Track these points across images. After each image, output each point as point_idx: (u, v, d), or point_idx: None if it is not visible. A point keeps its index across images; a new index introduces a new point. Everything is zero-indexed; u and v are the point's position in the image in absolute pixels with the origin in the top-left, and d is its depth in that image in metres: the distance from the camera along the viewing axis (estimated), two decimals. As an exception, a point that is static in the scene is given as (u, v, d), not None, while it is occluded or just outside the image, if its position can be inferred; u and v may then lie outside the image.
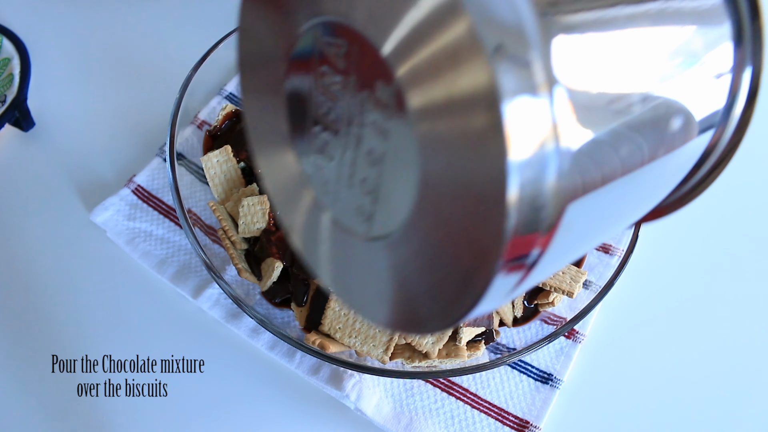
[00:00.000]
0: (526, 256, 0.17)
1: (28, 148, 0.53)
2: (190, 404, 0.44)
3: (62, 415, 0.43)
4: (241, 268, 0.44)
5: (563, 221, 0.17)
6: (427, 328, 0.20)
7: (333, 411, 0.44)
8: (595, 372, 0.46)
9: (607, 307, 0.48)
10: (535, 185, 0.16)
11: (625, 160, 0.20)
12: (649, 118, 0.20)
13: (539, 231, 0.17)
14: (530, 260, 0.17)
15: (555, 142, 0.16)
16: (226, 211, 0.46)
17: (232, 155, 0.47)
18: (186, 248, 0.48)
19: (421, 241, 0.19)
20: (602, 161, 0.19)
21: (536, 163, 0.16)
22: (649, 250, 0.50)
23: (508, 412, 0.44)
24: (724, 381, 0.46)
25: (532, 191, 0.16)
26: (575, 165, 0.17)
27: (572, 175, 0.17)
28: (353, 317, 0.41)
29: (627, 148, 0.20)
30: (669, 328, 0.48)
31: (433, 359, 0.41)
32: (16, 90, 0.52)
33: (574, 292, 0.43)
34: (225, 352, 0.45)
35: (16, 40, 0.55)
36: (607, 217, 0.22)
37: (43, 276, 0.48)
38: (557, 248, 0.18)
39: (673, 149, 0.23)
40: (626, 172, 0.20)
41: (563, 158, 0.16)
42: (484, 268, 0.17)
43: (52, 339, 0.45)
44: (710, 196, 0.56)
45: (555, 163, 0.16)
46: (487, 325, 0.42)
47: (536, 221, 0.17)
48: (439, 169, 0.17)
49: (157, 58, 0.58)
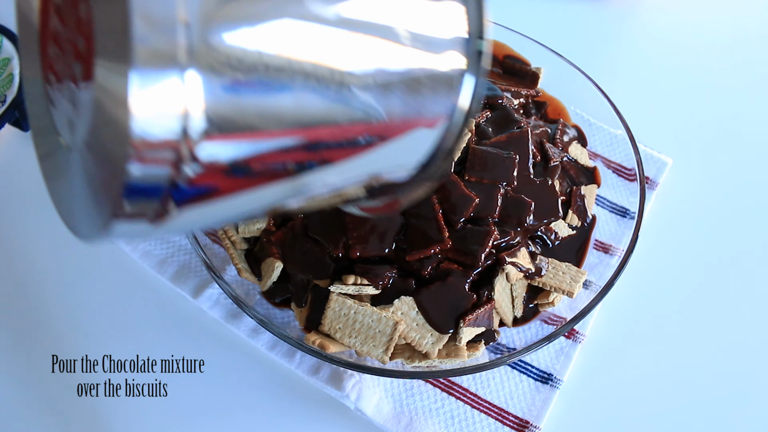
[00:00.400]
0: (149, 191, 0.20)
1: (29, 148, 0.53)
2: (190, 404, 0.43)
3: (62, 415, 0.43)
4: (241, 268, 0.44)
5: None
6: (83, 233, 0.24)
7: (333, 411, 0.44)
8: (595, 372, 0.46)
9: (607, 307, 0.48)
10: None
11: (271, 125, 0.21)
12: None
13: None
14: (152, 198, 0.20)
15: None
16: (226, 211, 0.46)
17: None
18: (186, 248, 0.48)
19: (82, 161, 0.22)
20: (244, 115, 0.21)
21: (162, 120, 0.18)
22: (649, 250, 0.50)
23: (508, 412, 0.44)
24: (724, 381, 0.46)
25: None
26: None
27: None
28: (353, 317, 0.41)
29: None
30: (669, 328, 0.48)
31: (433, 359, 0.41)
32: (16, 90, 0.52)
33: (574, 292, 0.43)
34: (225, 352, 0.45)
35: (16, 40, 0.55)
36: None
37: (43, 276, 0.48)
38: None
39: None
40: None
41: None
42: (113, 190, 0.20)
43: (52, 339, 0.45)
44: (712, 196, 0.56)
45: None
46: (487, 325, 0.42)
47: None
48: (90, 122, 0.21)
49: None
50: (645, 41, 0.56)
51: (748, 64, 0.62)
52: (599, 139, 0.54)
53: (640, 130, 0.53)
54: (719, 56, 0.63)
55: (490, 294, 0.42)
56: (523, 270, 0.43)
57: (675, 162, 0.55)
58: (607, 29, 0.65)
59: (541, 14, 0.56)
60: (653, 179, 0.54)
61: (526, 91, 0.52)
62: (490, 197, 0.43)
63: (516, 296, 0.44)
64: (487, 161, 0.44)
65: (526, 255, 0.44)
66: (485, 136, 0.46)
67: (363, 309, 0.41)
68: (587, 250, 0.48)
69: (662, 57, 0.62)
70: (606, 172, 0.53)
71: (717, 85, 0.61)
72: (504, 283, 0.43)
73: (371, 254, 0.42)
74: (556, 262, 0.45)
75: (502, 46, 0.55)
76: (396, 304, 0.41)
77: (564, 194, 0.48)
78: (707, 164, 0.56)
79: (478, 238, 0.42)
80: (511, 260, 0.42)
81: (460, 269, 0.42)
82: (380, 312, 0.40)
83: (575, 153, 0.51)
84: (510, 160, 0.44)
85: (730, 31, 0.65)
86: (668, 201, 0.54)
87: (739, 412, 0.45)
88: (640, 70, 0.61)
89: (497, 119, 0.48)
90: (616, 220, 0.51)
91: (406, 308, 0.41)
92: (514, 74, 0.55)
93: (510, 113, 0.48)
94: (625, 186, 0.52)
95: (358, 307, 0.41)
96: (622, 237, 0.48)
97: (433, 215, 0.41)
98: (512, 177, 0.44)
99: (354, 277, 0.41)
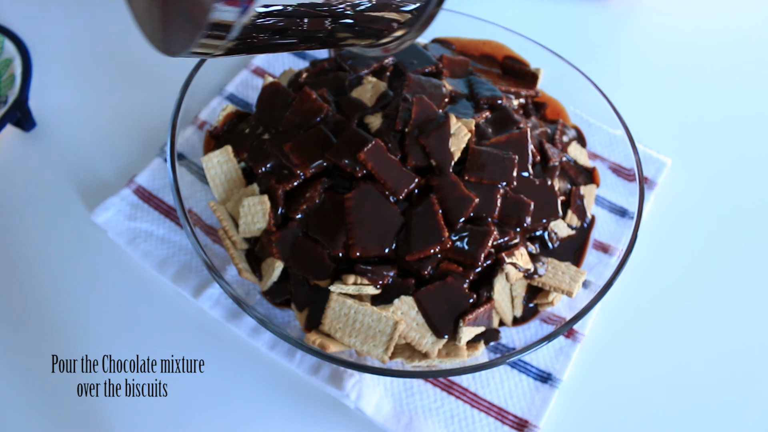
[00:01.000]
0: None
1: (30, 149, 0.53)
2: (190, 404, 0.44)
3: (62, 415, 0.43)
4: (242, 269, 0.44)
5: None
6: (173, 46, 0.30)
7: (333, 411, 0.44)
8: (595, 371, 0.46)
9: (607, 306, 0.48)
10: None
11: None
12: None
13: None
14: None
15: None
16: (227, 211, 0.46)
17: (233, 155, 0.47)
18: (186, 248, 0.49)
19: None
20: None
21: None
22: (648, 250, 0.50)
23: (507, 412, 0.44)
24: (723, 380, 0.46)
25: None
26: None
27: None
28: (353, 317, 0.41)
29: None
30: (668, 328, 0.48)
31: (432, 359, 0.41)
32: (17, 91, 0.52)
33: (573, 291, 0.43)
34: (225, 352, 0.45)
35: (17, 41, 0.55)
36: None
37: (43, 276, 0.48)
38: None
39: None
40: None
41: None
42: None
43: (52, 339, 0.45)
44: (710, 196, 0.56)
45: None
46: (486, 324, 0.42)
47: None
48: None
49: (158, 59, 0.58)
50: (644, 42, 0.56)
51: (748, 64, 0.63)
52: (598, 140, 0.54)
53: (639, 130, 0.53)
54: (719, 56, 0.63)
55: (490, 294, 0.42)
56: (523, 270, 0.43)
57: (674, 162, 0.55)
58: (607, 30, 0.65)
59: (541, 15, 0.56)
60: (652, 179, 0.54)
61: (526, 91, 0.52)
62: (489, 197, 0.43)
63: (515, 296, 0.45)
64: (486, 162, 0.44)
65: (526, 255, 0.44)
66: (485, 136, 0.46)
67: (363, 309, 0.41)
68: (586, 249, 0.48)
69: (661, 57, 0.63)
70: (605, 173, 0.53)
71: (716, 86, 0.61)
72: (504, 282, 0.43)
73: (371, 254, 0.42)
74: (555, 261, 0.45)
75: (502, 47, 0.55)
76: (396, 304, 0.41)
77: (563, 194, 0.48)
78: (706, 164, 0.56)
79: (477, 238, 0.42)
80: (511, 261, 0.42)
81: (460, 269, 0.42)
82: (380, 312, 0.40)
83: (574, 153, 0.51)
84: (509, 161, 0.44)
85: (730, 31, 0.65)
86: (667, 201, 0.54)
87: (738, 411, 0.45)
88: (639, 71, 0.61)
89: (497, 120, 0.48)
90: (615, 220, 0.51)
91: (406, 308, 0.41)
92: (514, 75, 0.55)
93: (510, 114, 0.48)
94: (624, 186, 0.52)
95: (359, 306, 0.41)
96: (621, 237, 0.48)
97: (433, 215, 0.42)
98: (512, 177, 0.44)
99: (354, 277, 0.41)
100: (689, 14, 0.66)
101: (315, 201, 0.43)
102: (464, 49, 0.55)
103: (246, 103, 0.56)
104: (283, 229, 0.44)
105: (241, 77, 0.57)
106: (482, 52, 0.56)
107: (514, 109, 0.49)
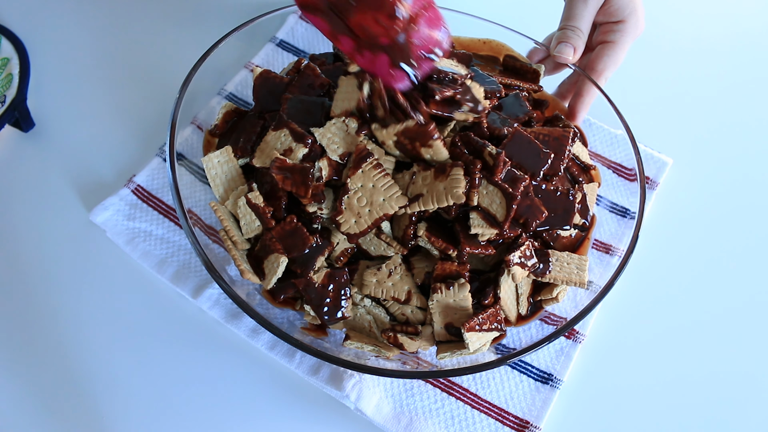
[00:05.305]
0: None
1: (28, 149, 0.53)
2: (190, 404, 0.43)
3: (62, 415, 0.43)
4: (244, 269, 0.44)
5: None
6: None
7: (333, 411, 0.43)
8: (595, 372, 0.46)
9: (607, 307, 0.48)
10: None
11: None
12: None
13: None
14: None
15: None
16: (228, 211, 0.46)
17: (233, 155, 0.47)
18: (186, 248, 0.48)
19: None
20: None
21: None
22: (650, 250, 0.50)
23: (508, 412, 0.44)
24: (723, 379, 0.46)
25: None
26: None
27: None
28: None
29: None
30: (669, 328, 0.48)
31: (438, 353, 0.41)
32: (15, 90, 0.52)
33: (584, 281, 0.42)
34: (225, 352, 0.45)
35: (15, 40, 0.55)
36: None
37: (42, 276, 0.48)
38: None
39: None
40: None
41: None
42: None
43: (52, 339, 0.45)
44: (712, 196, 0.56)
45: None
46: (497, 328, 0.41)
47: None
48: None
49: (156, 58, 0.58)
50: (645, 42, 0.56)
51: (748, 65, 0.62)
52: (599, 139, 0.54)
53: (641, 130, 0.53)
54: (720, 57, 0.63)
55: (497, 293, 0.42)
56: (529, 267, 0.42)
57: (675, 162, 0.55)
58: (607, 29, 0.64)
59: (541, 15, 0.56)
60: (653, 179, 0.54)
61: (528, 85, 0.51)
62: (512, 184, 0.42)
63: (521, 294, 0.44)
64: (525, 148, 0.43)
65: (531, 250, 0.43)
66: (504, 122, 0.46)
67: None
68: (587, 249, 0.48)
69: (663, 57, 0.62)
70: (606, 172, 0.53)
71: (717, 86, 0.61)
72: (510, 282, 0.43)
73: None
74: (557, 253, 0.44)
75: (503, 46, 0.55)
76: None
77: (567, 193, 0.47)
78: (707, 164, 0.56)
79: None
80: (517, 261, 0.42)
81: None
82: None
83: (576, 150, 0.51)
84: (545, 156, 0.43)
85: (731, 31, 0.65)
86: (668, 201, 0.54)
87: (738, 411, 0.45)
88: (640, 71, 0.61)
89: (506, 105, 0.48)
90: (616, 220, 0.51)
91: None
92: (515, 72, 0.54)
93: (520, 100, 0.48)
94: (626, 186, 0.52)
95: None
96: (622, 237, 0.48)
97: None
98: (539, 172, 0.43)
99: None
100: (690, 14, 0.66)
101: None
102: (464, 48, 0.55)
103: (245, 102, 0.56)
104: (282, 222, 0.43)
105: (240, 77, 0.57)
106: (483, 52, 0.55)
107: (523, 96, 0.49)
